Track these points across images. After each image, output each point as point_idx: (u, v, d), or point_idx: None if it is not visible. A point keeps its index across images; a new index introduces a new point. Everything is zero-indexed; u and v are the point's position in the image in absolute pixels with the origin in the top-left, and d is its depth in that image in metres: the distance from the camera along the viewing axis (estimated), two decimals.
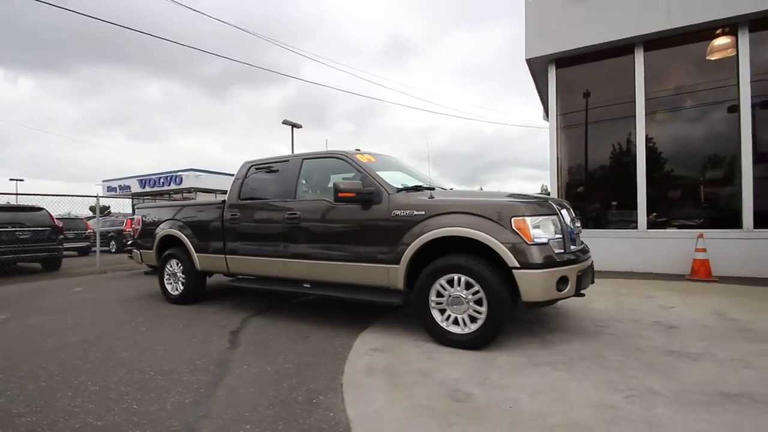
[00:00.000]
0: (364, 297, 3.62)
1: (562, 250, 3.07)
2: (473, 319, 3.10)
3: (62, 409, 2.31)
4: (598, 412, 2.13)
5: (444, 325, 3.20)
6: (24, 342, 3.62)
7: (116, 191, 31.36)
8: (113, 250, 15.44)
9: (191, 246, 4.90)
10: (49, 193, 9.10)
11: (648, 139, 6.42)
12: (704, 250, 5.68)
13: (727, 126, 6.03)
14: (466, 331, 3.11)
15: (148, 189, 29.83)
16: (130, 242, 8.34)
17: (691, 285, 5.38)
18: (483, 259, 3.07)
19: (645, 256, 6.25)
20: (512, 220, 2.98)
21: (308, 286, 4.04)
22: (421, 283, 3.27)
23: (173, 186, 28.37)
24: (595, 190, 7.11)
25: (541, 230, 2.99)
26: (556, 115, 7.06)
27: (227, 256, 4.58)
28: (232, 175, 4.91)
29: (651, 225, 6.44)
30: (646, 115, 6.37)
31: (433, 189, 3.81)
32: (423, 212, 3.30)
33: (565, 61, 6.94)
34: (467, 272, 3.07)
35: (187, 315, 4.51)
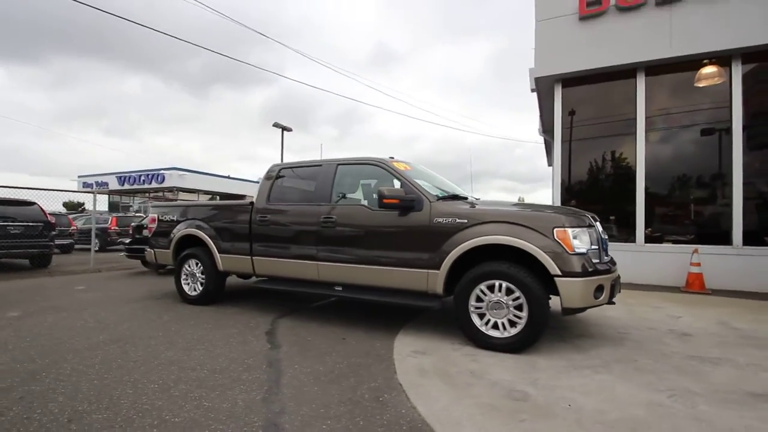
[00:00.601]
0: (402, 301, 3.72)
1: (598, 260, 3.28)
2: (513, 324, 3.25)
3: (130, 406, 2.31)
4: (650, 410, 2.32)
5: (483, 329, 3.34)
6: (52, 341, 3.54)
7: (92, 187, 30.21)
8: (96, 248, 14.91)
9: (214, 246, 4.88)
10: (39, 187, 8.77)
11: (646, 158, 6.81)
12: (699, 264, 6.07)
13: (719, 148, 6.49)
14: (506, 335, 3.26)
15: (127, 186, 28.93)
16: (129, 240, 8.17)
17: (688, 297, 5.74)
18: (522, 267, 3.25)
19: (642, 268, 6.61)
20: (554, 230, 3.17)
21: (340, 288, 4.11)
22: (462, 288, 3.41)
23: (155, 184, 27.65)
24: (594, 204, 7.45)
25: (580, 241, 3.19)
26: (561, 132, 7.41)
27: (254, 258, 4.59)
28: (219, 175, 4.98)
29: (647, 240, 6.82)
30: (646, 135, 6.78)
31: (466, 198, 3.98)
32: (465, 220, 3.45)
33: (571, 81, 7.31)
34: (509, 279, 3.23)
35: (210, 316, 4.49)
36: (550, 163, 15.90)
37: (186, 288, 5.16)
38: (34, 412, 2.23)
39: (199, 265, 5.04)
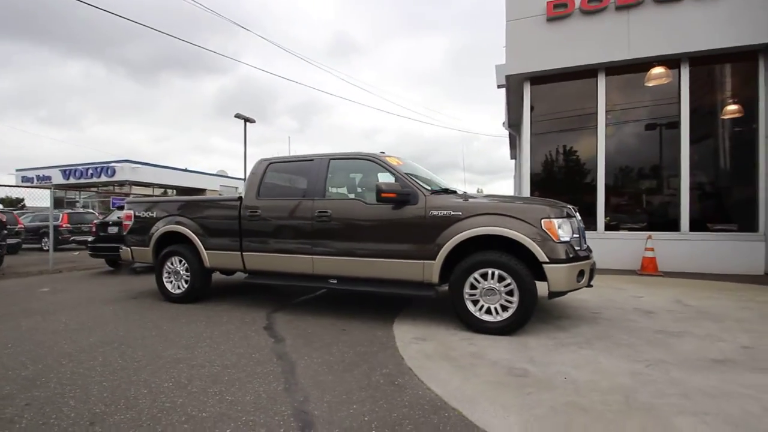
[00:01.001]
0: (398, 291, 3.88)
1: (579, 248, 3.60)
2: (504, 308, 3.51)
3: (150, 405, 2.31)
4: (633, 378, 2.63)
5: (477, 314, 3.58)
6: (37, 345, 3.37)
7: (33, 182, 27.76)
8: (45, 247, 13.86)
9: (199, 243, 4.78)
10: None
11: (606, 152, 7.37)
12: (652, 249, 6.71)
13: (669, 143, 7.16)
14: (499, 318, 3.51)
15: (73, 180, 26.86)
16: (92, 239, 7.71)
17: (644, 279, 6.34)
18: (511, 255, 3.50)
19: (603, 254, 7.15)
20: (542, 221, 3.44)
21: (335, 281, 4.20)
22: (457, 277, 3.62)
23: (104, 178, 25.88)
24: (560, 194, 7.96)
25: (563, 231, 3.49)
26: (530, 126, 7.82)
27: (244, 253, 4.56)
28: (176, 168, 4.91)
29: (607, 228, 7.41)
30: (605, 131, 7.32)
31: (455, 192, 4.18)
32: (460, 213, 3.65)
33: (539, 79, 7.72)
34: (501, 267, 3.47)
35: (200, 313, 4.42)
36: (513, 155, 16.63)
37: (169, 286, 5.02)
38: (49, 417, 2.17)
39: (183, 262, 4.92)
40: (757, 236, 6.48)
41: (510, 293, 3.47)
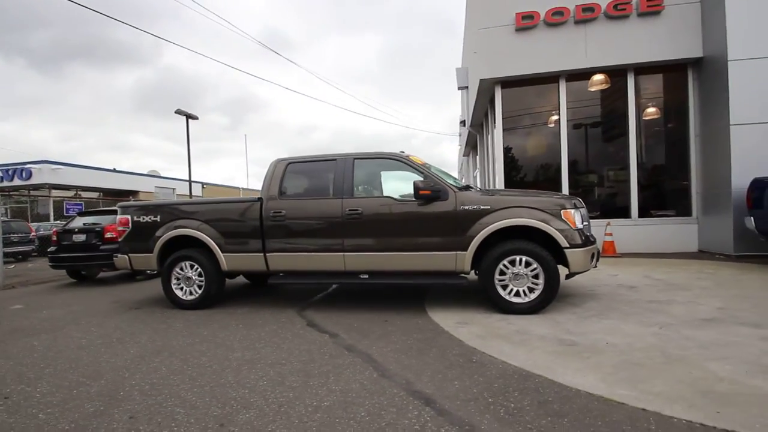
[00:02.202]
0: (431, 281, 4.19)
1: (589, 234, 4.16)
2: (531, 290, 3.96)
3: (265, 403, 2.36)
4: (656, 338, 3.20)
5: (507, 297, 3.99)
6: (76, 362, 3.16)
7: None
8: None
9: (215, 246, 4.65)
10: None
11: (568, 149, 8.27)
12: (611, 234, 7.71)
13: (619, 142, 8.23)
14: (527, 300, 3.96)
15: None
16: (54, 248, 6.97)
17: (609, 260, 7.28)
18: (535, 243, 3.96)
19: None
20: (562, 212, 3.94)
21: (366, 276, 4.37)
22: (487, 264, 4.00)
23: (18, 181, 22.67)
24: (530, 186, 8.75)
25: (578, 219, 4.02)
26: (502, 126, 8.50)
27: (268, 254, 4.53)
28: (103, 169, 4.84)
29: None
30: (568, 130, 8.22)
31: (472, 187, 4.57)
32: (489, 206, 4.02)
33: (508, 83, 8.41)
34: (528, 253, 3.91)
35: (224, 318, 4.34)
36: (466, 153, 17.62)
37: (179, 293, 4.81)
38: (168, 426, 2.15)
39: (195, 267, 4.75)
40: (691, 220, 7.75)
41: (536, 276, 3.93)
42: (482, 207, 4.04)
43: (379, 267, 4.31)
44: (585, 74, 8.08)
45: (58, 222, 19.10)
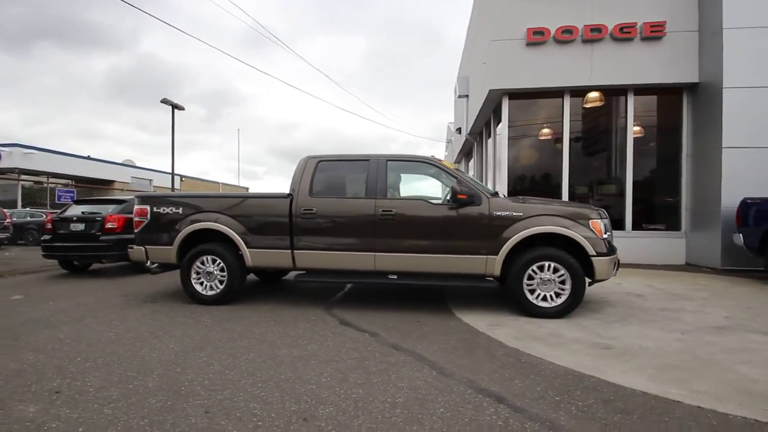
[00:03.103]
0: (463, 284, 4.29)
1: (612, 243, 4.38)
2: (557, 295, 4.13)
3: (338, 397, 2.38)
4: (682, 343, 3.41)
5: (535, 302, 4.14)
6: (113, 356, 3.06)
7: None
8: None
9: (241, 241, 4.58)
10: None
11: (570, 161, 8.61)
12: None
13: (617, 157, 8.64)
14: (554, 304, 4.12)
15: None
16: (48, 237, 6.65)
17: None
18: (563, 250, 4.14)
19: None
20: (590, 221, 4.13)
21: (395, 277, 4.42)
22: (517, 269, 4.14)
23: None
24: (531, 194, 9.03)
25: (604, 229, 4.23)
26: (507, 135, 8.75)
27: (296, 251, 4.51)
28: (77, 156, 4.76)
29: None
30: (570, 143, 8.56)
31: (499, 194, 4.71)
32: (521, 213, 4.17)
33: (516, 95, 8.68)
34: (557, 260, 4.08)
35: (252, 315, 4.28)
36: (458, 159, 17.93)
37: (199, 288, 4.70)
38: (249, 418, 2.14)
39: (218, 262, 4.66)
40: (680, 234, 8.22)
41: (563, 282, 4.10)
42: (515, 214, 4.18)
43: (409, 268, 4.37)
44: (589, 91, 8.45)
45: (29, 209, 18.05)
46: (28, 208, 18.62)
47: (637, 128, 8.53)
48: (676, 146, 8.32)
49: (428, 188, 4.80)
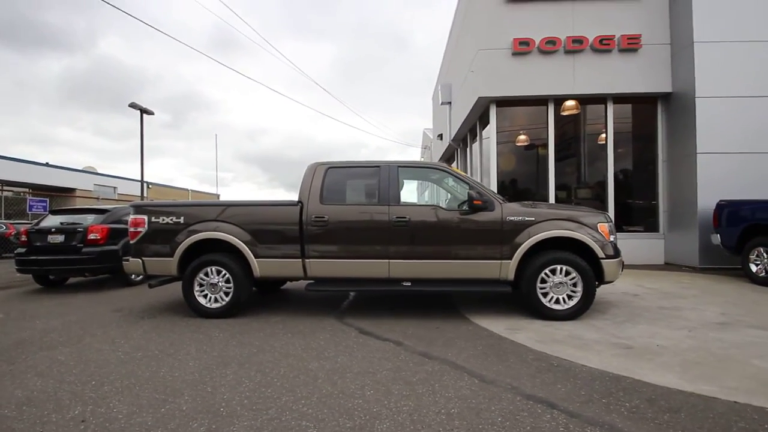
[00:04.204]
0: (479, 289, 4.31)
1: (617, 245, 4.54)
2: (570, 297, 4.23)
3: (389, 412, 2.32)
4: (692, 340, 3.57)
5: (548, 304, 4.23)
6: (128, 377, 2.85)
7: None
8: None
9: (248, 251, 4.41)
10: None
11: (555, 166, 8.91)
12: None
13: (597, 162, 9.03)
14: (566, 307, 4.22)
15: None
16: (23, 250, 6.15)
17: None
18: (575, 254, 4.25)
19: None
20: (598, 225, 4.27)
21: (408, 284, 4.39)
22: (531, 273, 4.22)
23: None
24: (520, 199, 9.26)
25: (611, 232, 4.38)
26: (496, 141, 8.96)
27: (307, 260, 4.39)
28: (35, 162, 4.63)
29: None
30: (555, 149, 8.86)
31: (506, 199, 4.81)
32: (533, 218, 4.26)
33: (503, 102, 8.91)
34: (569, 263, 4.19)
35: (264, 327, 4.12)
36: None
37: (202, 300, 4.48)
38: None
39: (223, 273, 4.46)
40: (659, 236, 8.67)
41: (575, 285, 4.21)
42: (527, 218, 4.26)
43: (424, 275, 4.36)
44: (571, 99, 8.79)
45: None
46: None
47: (625, 135, 8.97)
48: (653, 152, 8.79)
49: (425, 194, 4.82)
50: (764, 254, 6.08)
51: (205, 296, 4.50)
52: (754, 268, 6.21)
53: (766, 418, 2.21)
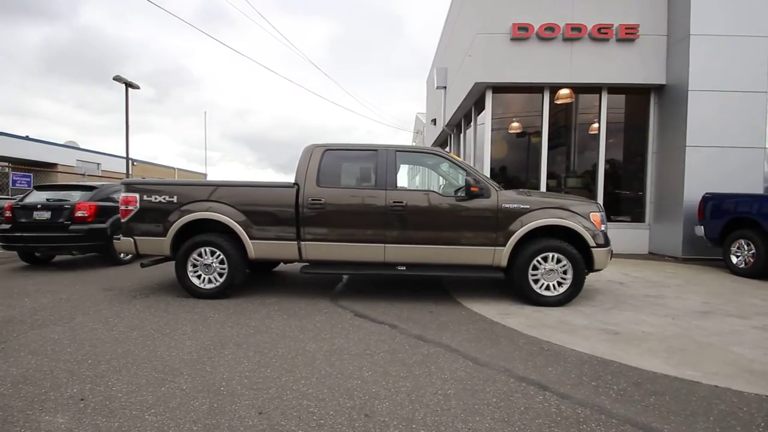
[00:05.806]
0: (472, 274, 4.38)
1: (607, 234, 4.64)
2: (560, 284, 4.34)
3: (399, 401, 2.37)
4: (676, 327, 3.72)
5: (539, 291, 4.33)
6: (126, 356, 2.85)
7: None
8: None
9: (243, 232, 4.38)
10: None
11: (548, 154, 8.97)
12: None
13: (588, 152, 9.12)
14: (556, 293, 4.33)
15: None
16: (8, 226, 6.01)
17: None
18: (566, 242, 4.34)
19: None
20: (591, 214, 4.35)
21: (403, 268, 4.43)
22: (523, 260, 4.30)
23: None
24: (513, 186, 9.33)
25: (602, 222, 4.47)
26: (491, 127, 8.96)
27: (303, 243, 4.38)
28: (14, 136, 4.55)
29: None
30: (549, 137, 8.91)
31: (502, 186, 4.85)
32: (528, 206, 4.31)
33: (499, 89, 8.86)
34: (561, 251, 4.27)
35: (259, 309, 4.13)
36: None
37: (196, 281, 4.46)
38: (308, 417, 2.08)
39: (217, 253, 4.43)
40: (644, 226, 8.88)
41: (565, 272, 4.31)
42: (522, 206, 4.31)
43: (418, 259, 4.40)
44: (567, 88, 8.80)
45: None
46: None
47: (617, 126, 9.05)
48: (643, 143, 8.91)
49: (415, 179, 4.83)
50: (745, 246, 6.29)
51: (199, 277, 4.48)
52: (734, 259, 6.43)
53: (744, 401, 2.34)
